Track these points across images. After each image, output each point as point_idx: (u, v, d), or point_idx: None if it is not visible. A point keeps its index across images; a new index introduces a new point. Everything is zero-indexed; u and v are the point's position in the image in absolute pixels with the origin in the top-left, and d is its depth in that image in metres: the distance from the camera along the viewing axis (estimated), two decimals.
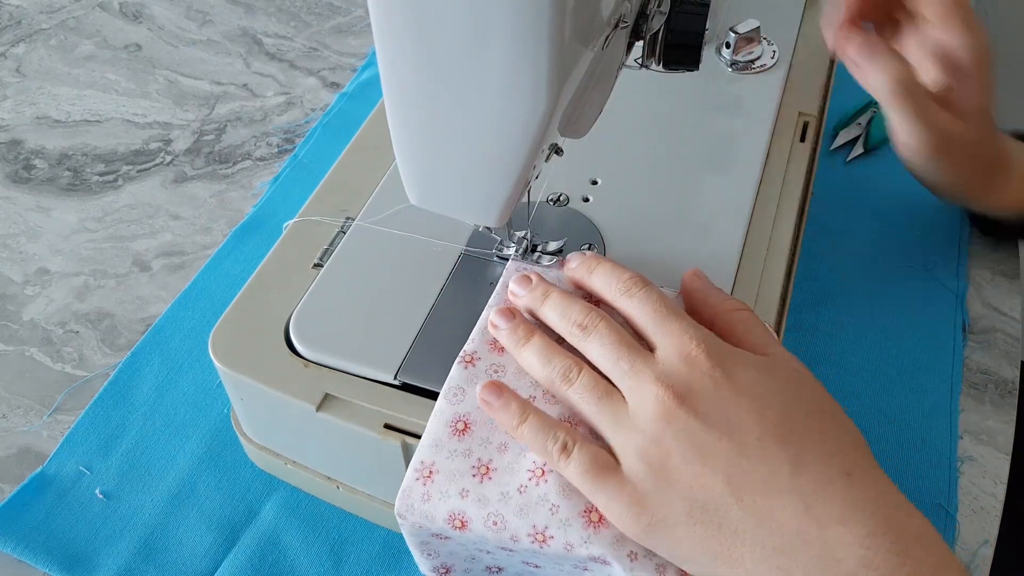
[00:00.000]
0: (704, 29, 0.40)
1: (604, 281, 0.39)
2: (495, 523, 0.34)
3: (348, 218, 0.48)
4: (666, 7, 0.40)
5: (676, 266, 0.44)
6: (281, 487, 0.48)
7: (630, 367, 0.35)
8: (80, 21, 0.83)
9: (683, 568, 0.34)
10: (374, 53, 0.52)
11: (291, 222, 0.48)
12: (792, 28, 0.59)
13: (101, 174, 0.68)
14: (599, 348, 0.36)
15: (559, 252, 0.44)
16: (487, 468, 0.35)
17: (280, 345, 0.42)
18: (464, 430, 0.36)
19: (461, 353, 0.39)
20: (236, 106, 0.73)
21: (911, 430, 0.49)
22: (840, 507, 0.31)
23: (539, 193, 0.49)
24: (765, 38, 0.57)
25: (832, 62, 0.61)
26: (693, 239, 0.46)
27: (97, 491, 0.48)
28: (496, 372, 0.38)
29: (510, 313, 0.39)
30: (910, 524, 0.32)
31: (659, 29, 0.41)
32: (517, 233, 0.44)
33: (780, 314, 0.46)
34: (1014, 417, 0.50)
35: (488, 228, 0.43)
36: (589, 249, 0.46)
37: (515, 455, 0.36)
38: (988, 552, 0.44)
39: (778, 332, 0.48)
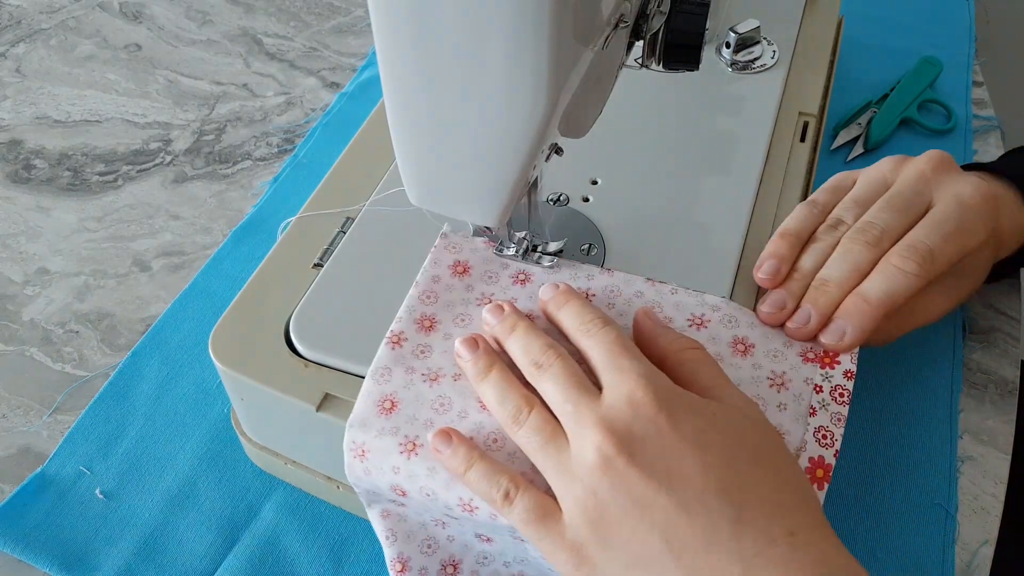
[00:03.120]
0: (704, 29, 0.41)
1: (569, 318, 0.38)
2: (428, 495, 0.36)
3: (348, 218, 0.48)
4: (666, 7, 0.40)
5: (676, 266, 0.44)
6: (281, 487, 0.48)
7: (574, 409, 0.34)
8: (80, 21, 0.83)
9: None
10: (374, 53, 0.52)
11: (289, 220, 0.48)
12: (792, 28, 0.59)
13: (101, 174, 0.68)
14: (551, 387, 0.35)
15: (559, 252, 0.44)
16: (413, 444, 0.37)
17: (280, 345, 0.42)
18: (391, 409, 0.38)
19: (388, 333, 0.40)
20: (236, 106, 0.73)
21: (911, 430, 0.49)
22: (780, 570, 0.30)
23: (539, 193, 0.49)
24: (765, 38, 0.57)
25: (832, 62, 0.61)
26: (693, 239, 0.46)
27: (97, 491, 0.48)
28: (423, 352, 0.39)
29: (474, 343, 0.38)
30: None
31: (659, 29, 0.41)
32: (517, 233, 0.44)
33: None
34: (1014, 417, 0.50)
35: (488, 228, 0.43)
36: (589, 250, 0.46)
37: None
38: (988, 552, 0.44)
39: None
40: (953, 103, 0.69)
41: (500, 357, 0.38)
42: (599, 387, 0.35)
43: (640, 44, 0.41)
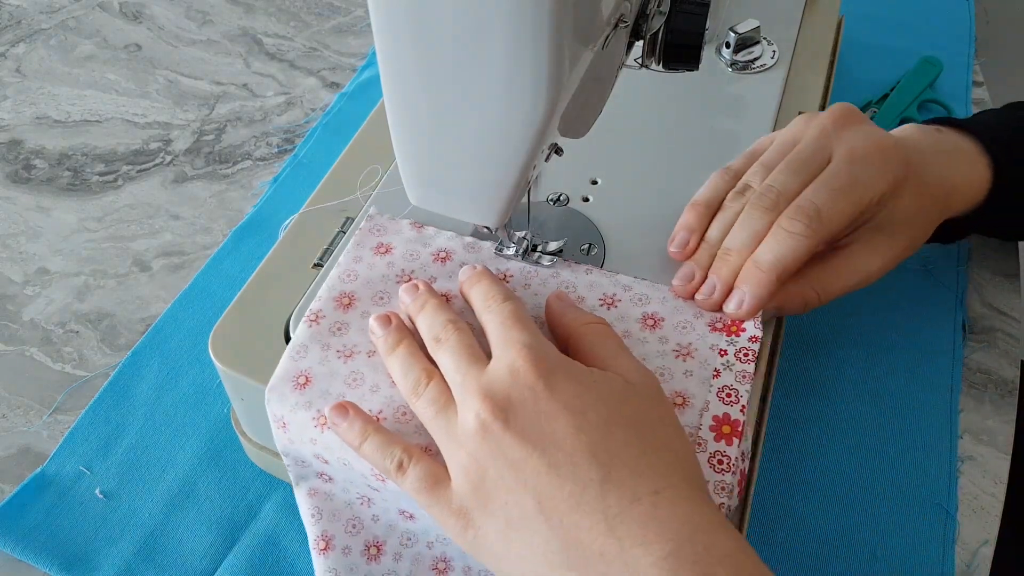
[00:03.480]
0: (704, 29, 0.40)
1: (477, 296, 0.39)
2: (344, 464, 0.38)
3: (348, 218, 0.48)
4: (666, 7, 0.40)
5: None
6: (281, 487, 0.48)
7: (462, 379, 0.35)
8: (80, 21, 0.83)
9: None
10: (374, 53, 0.52)
11: (289, 220, 0.48)
12: (792, 28, 0.59)
13: (101, 174, 0.68)
14: (447, 359, 0.37)
15: (559, 252, 0.44)
16: (325, 418, 0.38)
17: (280, 345, 0.42)
18: (305, 384, 0.39)
19: (307, 312, 0.41)
20: (236, 106, 0.73)
21: (911, 430, 0.49)
22: (641, 528, 0.31)
23: (539, 193, 0.49)
24: (765, 38, 0.57)
25: (832, 62, 0.61)
26: None
27: (97, 491, 0.48)
28: (340, 330, 0.41)
29: (387, 319, 0.40)
30: (716, 543, 0.31)
31: (659, 29, 0.41)
32: (517, 233, 0.44)
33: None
34: (1014, 417, 0.50)
35: (488, 228, 0.43)
36: (589, 249, 0.46)
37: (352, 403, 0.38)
38: (988, 552, 0.44)
39: (777, 332, 0.48)
40: (953, 103, 0.69)
41: (411, 334, 0.39)
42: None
43: (640, 44, 0.41)
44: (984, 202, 0.48)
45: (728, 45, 0.56)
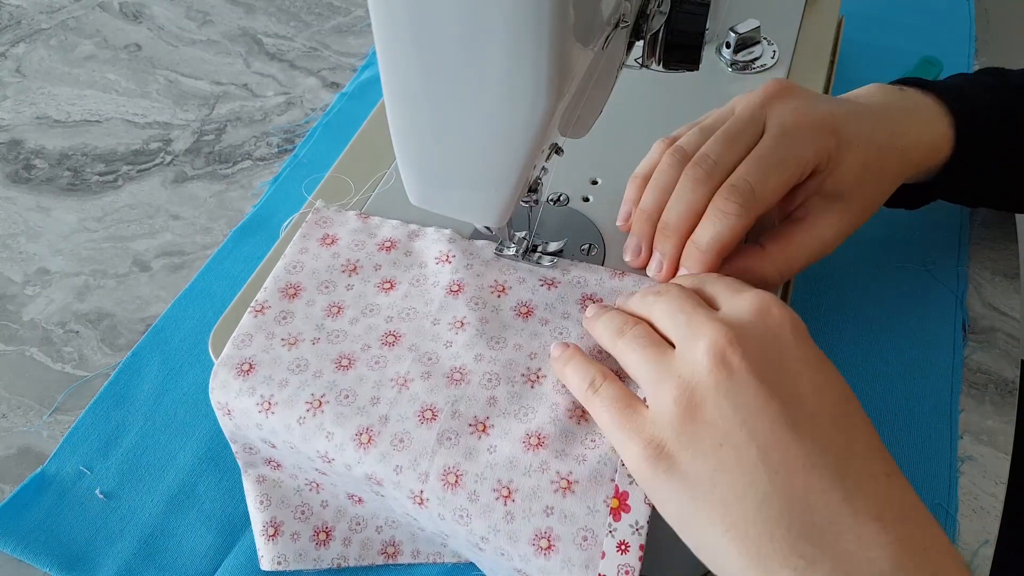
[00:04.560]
0: (704, 29, 0.40)
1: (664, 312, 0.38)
2: (291, 448, 0.39)
3: None
4: (666, 7, 0.40)
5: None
6: None
7: (689, 316, 0.34)
8: (80, 21, 0.83)
9: (679, 531, 0.33)
10: (374, 53, 0.52)
11: (289, 220, 0.48)
12: (792, 28, 0.59)
13: (101, 174, 0.68)
14: (663, 310, 0.35)
15: (559, 252, 0.44)
16: (269, 403, 0.39)
17: None
18: (249, 371, 0.40)
19: (252, 303, 0.42)
20: (236, 106, 0.73)
21: (911, 430, 0.49)
22: (877, 506, 0.30)
23: (540, 193, 0.49)
24: (765, 38, 0.57)
25: (832, 62, 0.61)
26: None
27: (97, 491, 0.48)
28: (285, 319, 0.42)
29: (564, 346, 0.39)
30: (939, 536, 0.30)
31: (659, 29, 0.41)
32: (517, 233, 0.44)
33: None
34: (1014, 417, 0.50)
35: (488, 228, 0.43)
36: (589, 249, 0.46)
37: (294, 389, 0.39)
38: (988, 552, 0.44)
39: None
40: None
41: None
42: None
43: (640, 44, 0.41)
44: (947, 163, 0.47)
45: (728, 45, 0.56)
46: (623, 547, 0.34)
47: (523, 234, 0.44)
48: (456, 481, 0.36)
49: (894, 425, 0.49)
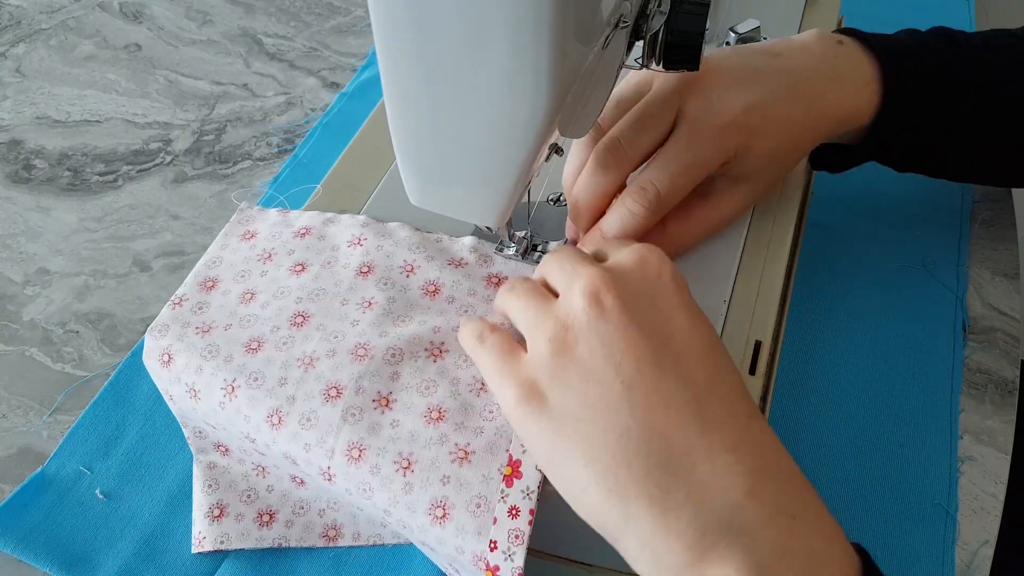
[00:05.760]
0: (704, 29, 0.40)
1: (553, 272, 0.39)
2: (225, 429, 0.41)
3: None
4: (666, 7, 0.40)
5: (676, 265, 0.44)
6: None
7: (573, 267, 0.35)
8: (80, 21, 0.83)
9: (546, 470, 0.34)
10: (374, 53, 0.52)
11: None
12: (792, 28, 0.59)
13: (101, 174, 0.68)
14: (553, 265, 0.36)
15: None
16: (194, 391, 0.40)
17: None
18: (168, 361, 0.41)
19: (173, 298, 0.44)
20: (236, 106, 0.73)
21: (911, 430, 0.49)
22: (734, 439, 0.31)
23: (539, 193, 0.49)
24: (765, 38, 0.57)
25: None
26: None
27: (97, 491, 0.48)
28: (200, 309, 0.43)
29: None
30: (796, 472, 0.31)
31: (659, 29, 0.41)
32: (517, 233, 0.44)
33: (780, 314, 0.46)
34: (1014, 417, 0.50)
35: (488, 228, 0.43)
36: None
37: (209, 376, 0.40)
38: (988, 552, 0.44)
39: (778, 332, 0.48)
40: None
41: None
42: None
43: (640, 44, 0.41)
44: (870, 125, 0.47)
45: (728, 45, 0.56)
46: (514, 512, 0.34)
47: (523, 234, 0.45)
48: (359, 456, 0.37)
49: (894, 425, 0.49)
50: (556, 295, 0.35)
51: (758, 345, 0.42)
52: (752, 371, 0.41)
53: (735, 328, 0.42)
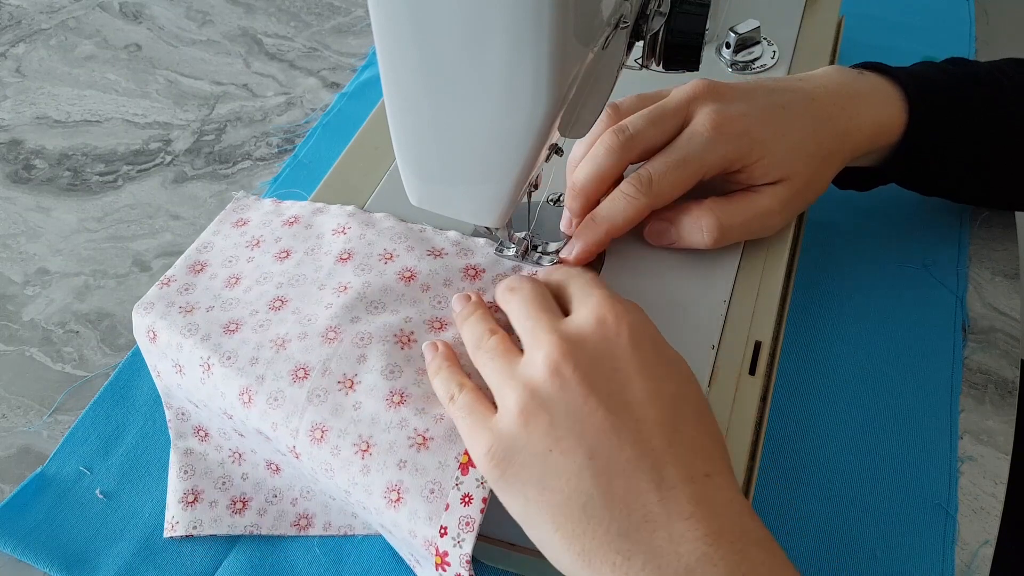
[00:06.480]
0: (704, 29, 0.41)
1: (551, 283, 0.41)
2: (206, 406, 0.42)
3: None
4: (666, 7, 0.40)
5: (676, 265, 0.44)
6: None
7: (534, 324, 0.36)
8: (80, 21, 0.83)
9: (522, 525, 0.34)
10: (374, 53, 0.52)
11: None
12: (792, 28, 0.59)
13: (101, 174, 0.68)
14: (517, 306, 0.38)
15: (559, 252, 0.44)
16: (179, 367, 0.41)
17: None
18: (154, 338, 0.43)
19: (162, 278, 0.45)
20: (236, 106, 0.73)
21: (911, 430, 0.49)
22: (691, 504, 0.32)
23: (539, 193, 0.49)
24: (765, 38, 0.57)
25: (832, 62, 0.61)
26: None
27: (97, 491, 0.48)
28: (186, 290, 0.44)
29: (467, 297, 0.41)
30: (753, 529, 0.32)
31: (659, 29, 0.41)
32: (517, 233, 0.44)
33: (780, 314, 0.46)
34: (1014, 417, 0.50)
35: (488, 228, 0.43)
36: None
37: (188, 353, 0.41)
38: (988, 552, 0.44)
39: (778, 332, 0.48)
40: None
41: (486, 309, 0.41)
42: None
43: (640, 44, 0.41)
44: (897, 146, 0.48)
45: (728, 45, 0.56)
46: (467, 499, 0.35)
47: (523, 234, 0.45)
48: (322, 436, 0.37)
49: (894, 425, 0.49)
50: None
51: (758, 345, 0.42)
52: (752, 371, 0.41)
53: (735, 328, 0.42)
